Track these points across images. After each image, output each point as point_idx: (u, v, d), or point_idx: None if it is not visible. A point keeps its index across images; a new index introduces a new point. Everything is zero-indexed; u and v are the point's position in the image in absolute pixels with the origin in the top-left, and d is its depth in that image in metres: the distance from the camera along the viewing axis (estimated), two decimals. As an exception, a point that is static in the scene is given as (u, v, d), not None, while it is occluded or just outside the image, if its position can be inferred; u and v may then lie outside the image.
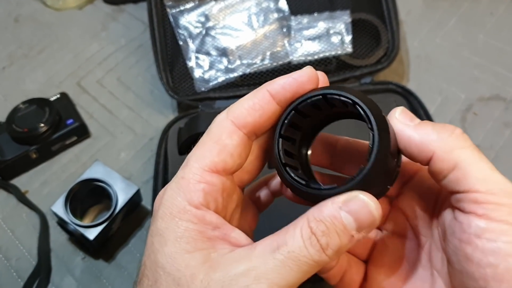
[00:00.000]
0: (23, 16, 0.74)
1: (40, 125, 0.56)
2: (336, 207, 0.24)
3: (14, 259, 0.51)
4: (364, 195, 0.24)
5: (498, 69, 0.62)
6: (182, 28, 0.60)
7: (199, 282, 0.24)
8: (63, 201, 0.48)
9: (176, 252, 0.25)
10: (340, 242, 0.24)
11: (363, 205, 0.24)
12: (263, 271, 0.23)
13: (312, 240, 0.23)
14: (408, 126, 0.26)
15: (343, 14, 0.60)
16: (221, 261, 0.24)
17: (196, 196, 0.25)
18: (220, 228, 0.26)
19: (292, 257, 0.23)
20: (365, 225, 0.24)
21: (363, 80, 0.58)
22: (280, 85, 0.26)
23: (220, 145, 0.26)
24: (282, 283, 0.23)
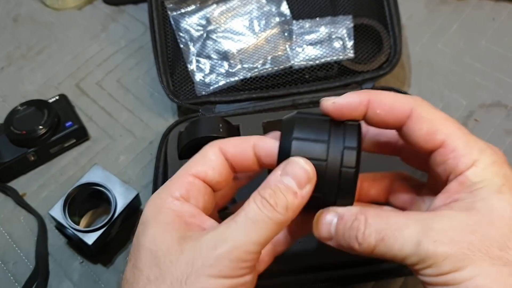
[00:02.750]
0: (22, 16, 0.73)
1: (39, 127, 0.55)
2: (277, 174, 0.29)
3: (11, 263, 0.51)
4: (295, 158, 0.29)
5: (500, 75, 0.62)
6: (183, 31, 0.60)
7: (174, 252, 0.27)
8: (61, 206, 0.48)
9: (155, 232, 0.29)
10: (285, 198, 0.28)
11: (296, 165, 0.29)
12: (227, 233, 0.27)
13: (263, 202, 0.28)
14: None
15: (345, 19, 0.59)
16: (193, 236, 0.28)
17: (177, 190, 0.30)
18: (196, 217, 0.30)
19: (250, 217, 0.28)
20: (302, 180, 0.29)
21: (364, 86, 0.57)
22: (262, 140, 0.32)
23: (206, 159, 0.32)
24: (245, 239, 0.27)
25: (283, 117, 0.32)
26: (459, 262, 0.26)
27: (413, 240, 0.27)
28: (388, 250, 0.28)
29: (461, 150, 0.29)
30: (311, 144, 0.30)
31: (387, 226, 0.28)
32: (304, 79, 0.58)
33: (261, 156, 0.32)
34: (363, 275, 0.45)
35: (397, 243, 0.27)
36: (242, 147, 0.32)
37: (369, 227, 0.28)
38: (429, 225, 0.27)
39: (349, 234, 0.29)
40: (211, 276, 0.26)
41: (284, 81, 0.58)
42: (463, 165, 0.29)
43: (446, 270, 0.26)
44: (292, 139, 0.30)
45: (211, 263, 0.26)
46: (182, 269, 0.26)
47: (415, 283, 0.47)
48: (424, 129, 0.30)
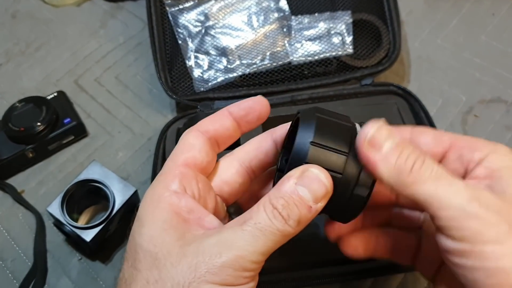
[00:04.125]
0: (20, 12, 0.73)
1: (37, 124, 0.55)
2: (292, 183, 0.27)
3: (9, 260, 0.51)
4: (314, 168, 0.28)
5: (500, 71, 0.62)
6: (182, 27, 0.59)
7: (175, 254, 0.26)
8: (60, 202, 0.48)
9: (153, 231, 0.27)
10: (299, 212, 0.27)
11: (314, 177, 0.27)
12: (233, 240, 0.26)
13: (275, 213, 0.27)
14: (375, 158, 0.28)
15: (344, 15, 0.59)
16: (195, 238, 0.27)
17: (173, 182, 0.29)
18: (194, 212, 0.29)
19: (258, 228, 0.26)
20: (319, 195, 0.27)
21: (363, 82, 0.57)
22: (237, 105, 0.33)
23: (188, 145, 0.31)
24: (251, 249, 0.26)
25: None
26: (503, 234, 0.25)
27: (466, 193, 0.26)
28: (438, 192, 0.26)
29: (473, 144, 0.30)
30: (330, 153, 0.28)
31: (444, 172, 0.27)
32: (303, 75, 0.58)
33: (240, 118, 0.33)
34: (363, 271, 0.45)
35: (450, 188, 0.26)
36: (219, 118, 0.32)
37: (428, 163, 0.27)
38: (480, 191, 0.27)
39: (405, 161, 0.27)
40: (214, 283, 0.25)
41: (283, 77, 0.58)
42: (480, 154, 0.29)
43: (487, 237, 0.25)
44: (312, 144, 0.28)
45: (215, 271, 0.25)
46: (184, 273, 0.26)
47: (414, 279, 0.47)
48: (429, 137, 0.31)
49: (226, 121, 0.32)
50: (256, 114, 0.33)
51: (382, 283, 0.47)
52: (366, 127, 0.28)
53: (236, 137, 0.34)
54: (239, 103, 0.33)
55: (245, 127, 0.33)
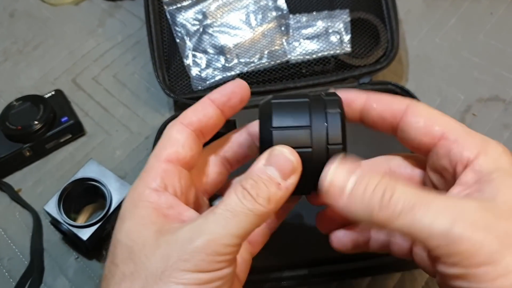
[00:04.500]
0: (18, 11, 0.73)
1: (34, 122, 0.55)
2: (260, 164, 0.28)
3: (6, 258, 0.51)
4: (280, 147, 0.28)
5: (498, 70, 0.61)
6: (179, 26, 0.59)
7: (149, 246, 0.26)
8: (56, 201, 0.48)
9: (131, 226, 0.28)
10: (268, 190, 0.27)
11: (280, 154, 0.28)
12: (204, 225, 0.26)
13: (244, 193, 0.27)
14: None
15: (342, 13, 0.59)
16: (170, 229, 0.27)
17: (153, 180, 0.29)
18: (174, 208, 0.29)
19: (229, 209, 0.26)
20: (287, 171, 0.28)
21: (361, 80, 0.57)
22: (218, 92, 0.32)
23: (171, 140, 0.31)
24: (223, 232, 0.26)
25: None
26: (495, 253, 0.23)
27: (448, 216, 0.24)
28: (415, 223, 0.24)
29: (464, 139, 0.28)
30: (293, 131, 0.29)
31: (418, 196, 0.25)
32: (301, 73, 0.58)
33: (223, 105, 0.32)
34: (360, 270, 0.45)
35: (428, 215, 0.24)
36: (202, 107, 0.32)
37: (398, 192, 0.25)
38: (464, 206, 0.25)
39: (372, 196, 0.25)
40: (187, 271, 0.25)
41: (281, 75, 0.58)
42: (469, 153, 0.27)
43: (479, 261, 0.23)
44: (273, 129, 0.29)
45: (186, 257, 0.25)
46: (157, 263, 0.25)
47: (412, 278, 0.47)
48: (421, 122, 0.29)
49: (209, 109, 0.32)
50: (238, 97, 0.33)
51: (379, 282, 0.47)
52: (323, 172, 0.28)
53: (220, 125, 0.33)
54: (219, 89, 0.33)
55: (229, 112, 0.33)
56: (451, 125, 0.29)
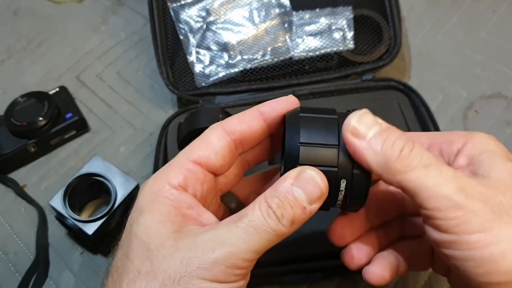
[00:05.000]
0: (22, 8, 0.73)
1: (39, 118, 0.55)
2: (288, 183, 0.27)
3: (12, 253, 0.51)
4: (310, 170, 0.27)
5: (500, 67, 0.62)
6: (183, 23, 0.60)
7: (168, 247, 0.26)
8: (62, 196, 0.48)
9: (149, 222, 0.27)
10: (293, 213, 0.27)
11: (310, 178, 0.27)
12: (226, 237, 0.26)
13: (269, 212, 0.26)
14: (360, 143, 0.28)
15: (345, 10, 0.59)
16: (190, 232, 0.27)
17: (176, 178, 0.29)
18: (194, 209, 0.29)
19: (252, 226, 0.26)
20: (314, 196, 0.27)
21: (364, 77, 0.57)
22: (269, 106, 0.31)
23: (208, 143, 0.30)
24: (244, 247, 0.26)
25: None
26: (487, 222, 0.25)
27: (454, 183, 0.26)
28: (426, 180, 0.26)
29: (450, 136, 0.30)
30: (321, 149, 0.28)
31: (433, 160, 0.27)
32: (304, 70, 0.58)
33: (271, 120, 0.31)
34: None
35: (439, 177, 0.26)
36: (249, 119, 0.31)
37: (417, 149, 0.27)
38: (467, 179, 0.26)
39: (392, 146, 0.27)
40: (205, 279, 0.25)
41: (284, 72, 0.58)
42: (458, 144, 0.29)
43: (472, 228, 0.25)
44: (300, 144, 0.28)
45: (206, 267, 0.25)
46: (176, 267, 0.25)
47: (415, 273, 0.47)
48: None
49: (256, 122, 0.31)
50: None
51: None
52: (349, 116, 0.28)
53: (262, 139, 0.32)
54: (270, 103, 0.31)
55: (275, 129, 0.32)
56: (434, 134, 0.32)
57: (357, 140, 0.27)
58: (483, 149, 0.29)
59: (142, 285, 0.26)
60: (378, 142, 0.27)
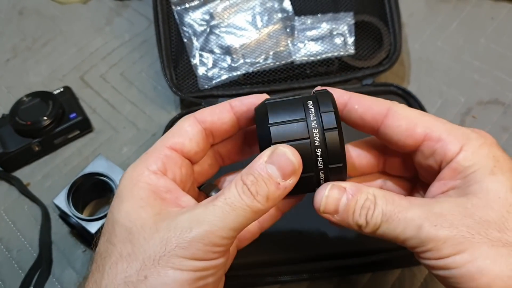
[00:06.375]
0: (27, 8, 0.74)
1: (43, 118, 0.56)
2: (262, 161, 0.28)
3: (15, 250, 0.52)
4: (282, 147, 0.29)
5: (498, 73, 0.63)
6: (187, 26, 0.61)
7: (148, 229, 0.27)
8: (66, 194, 0.49)
9: (130, 207, 0.28)
10: (267, 189, 0.28)
11: (282, 154, 0.28)
12: (204, 216, 0.27)
13: (244, 189, 0.27)
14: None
15: (346, 16, 0.60)
16: (169, 214, 0.28)
17: (154, 163, 0.30)
18: (172, 192, 0.30)
19: (228, 203, 0.27)
20: (287, 172, 0.28)
21: (364, 82, 0.58)
22: (240, 100, 0.33)
23: (182, 131, 0.32)
24: (220, 224, 0.27)
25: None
26: (458, 245, 0.26)
27: (415, 223, 0.27)
28: (391, 231, 0.28)
29: (446, 138, 0.30)
30: (290, 125, 0.30)
31: (392, 208, 0.28)
32: (305, 74, 0.59)
33: (241, 114, 0.33)
34: (361, 266, 0.46)
35: (400, 225, 0.28)
36: (220, 111, 0.32)
37: (377, 208, 0.28)
38: (430, 210, 0.28)
39: (360, 213, 0.29)
40: (184, 258, 0.26)
41: (286, 76, 0.59)
42: (451, 151, 0.29)
43: (446, 253, 0.27)
44: (270, 125, 0.30)
45: (185, 245, 0.26)
46: (155, 247, 0.26)
47: (412, 274, 0.48)
48: (403, 125, 0.31)
49: (226, 114, 0.32)
50: None
51: (379, 278, 0.48)
52: (317, 194, 0.30)
53: (233, 132, 0.34)
54: (242, 98, 0.33)
55: (245, 123, 0.33)
56: (433, 124, 0.30)
57: (331, 217, 0.30)
58: (473, 162, 0.29)
59: (124, 266, 0.27)
60: (348, 215, 0.29)
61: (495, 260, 0.26)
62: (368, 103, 0.31)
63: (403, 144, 0.31)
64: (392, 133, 0.31)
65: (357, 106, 0.32)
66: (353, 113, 0.32)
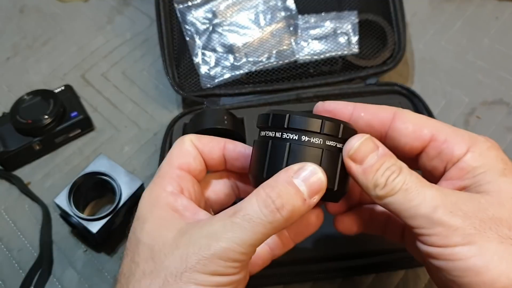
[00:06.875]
0: (28, 6, 0.74)
1: (44, 117, 0.56)
2: (289, 175, 0.28)
3: (16, 250, 0.51)
4: (312, 165, 0.28)
5: (502, 73, 0.62)
6: (189, 24, 0.60)
7: (168, 246, 0.27)
8: (67, 194, 0.48)
9: (152, 226, 0.29)
10: (294, 203, 0.27)
11: (312, 171, 0.28)
12: (222, 232, 0.27)
13: (267, 203, 0.27)
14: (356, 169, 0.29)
15: (350, 15, 0.60)
16: (188, 229, 0.28)
17: (170, 184, 0.31)
18: (190, 209, 0.30)
19: (247, 219, 0.27)
20: (315, 189, 0.28)
21: (368, 81, 0.58)
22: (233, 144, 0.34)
23: (184, 151, 0.32)
24: (238, 241, 0.26)
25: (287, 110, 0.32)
26: (468, 236, 0.26)
27: (432, 203, 0.27)
28: (405, 202, 0.27)
29: (453, 139, 0.30)
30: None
31: (415, 181, 0.28)
32: (309, 73, 0.59)
33: (230, 158, 0.34)
34: (364, 267, 0.46)
35: (417, 198, 0.27)
36: (212, 146, 0.33)
37: (402, 174, 0.28)
38: (447, 196, 0.27)
39: (384, 173, 0.28)
40: (205, 274, 0.26)
41: (289, 75, 0.59)
42: (458, 152, 0.29)
43: (454, 241, 0.26)
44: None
45: (205, 262, 0.26)
46: (176, 264, 0.26)
47: (415, 275, 0.47)
48: (410, 127, 0.31)
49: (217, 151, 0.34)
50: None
51: (383, 279, 0.48)
52: (352, 139, 0.29)
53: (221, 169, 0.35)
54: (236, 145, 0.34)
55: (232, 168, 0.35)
56: (439, 127, 0.31)
57: (354, 165, 0.29)
58: (482, 163, 0.29)
59: (147, 283, 0.27)
60: (371, 170, 0.29)
61: (503, 257, 0.26)
62: (374, 110, 0.32)
63: (410, 147, 0.31)
64: (399, 135, 0.31)
65: (363, 114, 0.32)
66: (359, 121, 0.32)
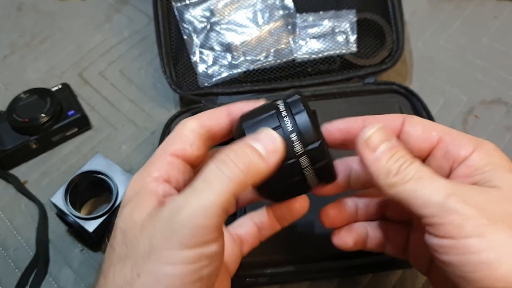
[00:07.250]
0: (26, 4, 0.73)
1: (41, 115, 0.55)
2: (244, 140, 0.28)
3: (12, 249, 0.51)
4: (267, 129, 0.29)
5: (501, 73, 0.62)
6: (187, 23, 0.60)
7: (138, 229, 0.27)
8: (63, 193, 0.48)
9: (128, 213, 0.29)
10: (249, 156, 0.27)
11: (265, 133, 0.28)
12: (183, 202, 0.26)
13: (222, 159, 0.27)
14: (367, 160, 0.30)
15: (348, 13, 0.60)
16: (157, 211, 0.27)
17: (156, 170, 0.30)
18: (170, 197, 0.29)
19: (207, 181, 0.27)
20: (270, 148, 0.28)
21: (366, 80, 0.58)
22: (238, 106, 0.33)
23: (182, 137, 0.32)
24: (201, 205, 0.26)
25: None
26: (481, 227, 0.26)
27: (445, 191, 0.27)
28: (417, 190, 0.27)
29: (460, 140, 0.31)
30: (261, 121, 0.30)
31: (427, 172, 0.28)
32: (307, 72, 0.59)
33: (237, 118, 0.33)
34: (362, 266, 0.45)
35: (430, 186, 0.27)
36: (217, 116, 0.33)
37: (414, 163, 0.28)
38: (460, 187, 0.28)
39: (397, 160, 0.28)
40: (172, 249, 0.25)
41: (287, 74, 0.59)
42: (465, 152, 0.30)
43: (467, 231, 0.26)
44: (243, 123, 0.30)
45: (169, 235, 0.25)
46: (144, 244, 0.26)
47: (413, 275, 0.47)
48: (419, 130, 0.32)
49: (224, 120, 0.33)
50: None
51: (381, 278, 0.47)
52: (367, 128, 0.30)
53: (231, 135, 0.33)
54: (241, 105, 0.33)
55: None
56: (446, 130, 0.32)
57: (367, 151, 0.29)
58: (489, 161, 0.29)
59: (121, 267, 0.27)
60: (384, 157, 0.29)
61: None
62: (383, 119, 0.32)
63: (419, 148, 0.32)
64: (409, 138, 0.32)
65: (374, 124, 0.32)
66: None
